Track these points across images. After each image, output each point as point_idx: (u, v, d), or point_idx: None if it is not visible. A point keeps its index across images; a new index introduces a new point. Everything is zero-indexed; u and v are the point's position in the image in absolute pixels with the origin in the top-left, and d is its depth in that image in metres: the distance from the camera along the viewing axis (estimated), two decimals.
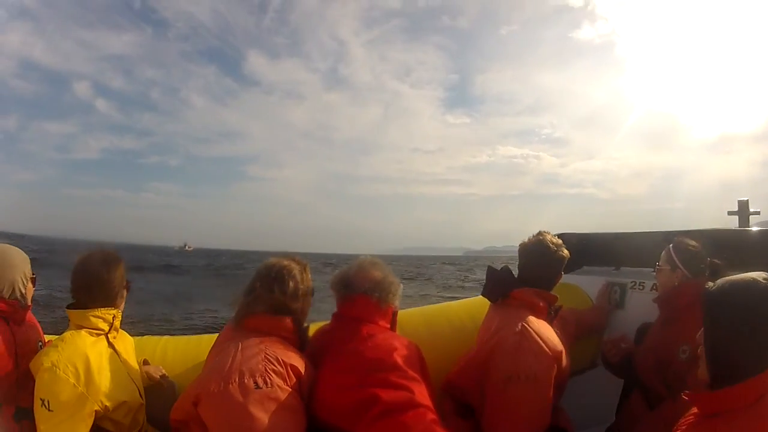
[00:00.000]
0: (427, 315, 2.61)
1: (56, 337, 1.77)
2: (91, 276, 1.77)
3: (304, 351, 1.70)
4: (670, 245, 2.23)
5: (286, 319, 1.65)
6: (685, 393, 1.16)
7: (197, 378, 1.62)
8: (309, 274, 1.78)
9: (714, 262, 2.09)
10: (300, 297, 1.70)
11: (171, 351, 2.19)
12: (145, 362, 2.04)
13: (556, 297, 2.05)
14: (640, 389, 2.22)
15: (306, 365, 1.62)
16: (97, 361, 1.68)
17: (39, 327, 1.94)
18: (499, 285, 2.09)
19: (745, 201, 3.16)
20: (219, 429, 1.47)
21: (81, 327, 1.75)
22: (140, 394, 1.83)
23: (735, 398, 1.07)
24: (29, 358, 1.69)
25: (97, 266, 1.79)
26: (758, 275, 1.13)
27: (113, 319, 1.80)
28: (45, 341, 1.88)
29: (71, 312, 1.77)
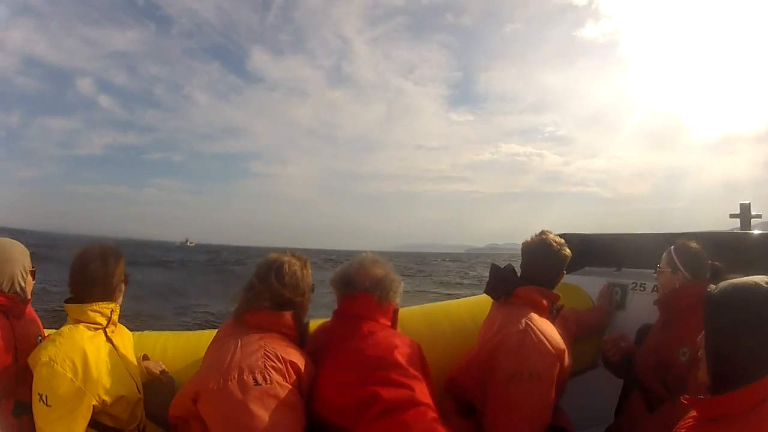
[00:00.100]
0: (428, 313, 2.61)
1: (54, 332, 1.76)
2: (89, 270, 1.76)
3: (304, 347, 1.69)
4: (672, 247, 2.23)
5: (286, 315, 1.65)
6: (685, 397, 1.16)
7: (196, 374, 1.62)
8: (309, 270, 1.78)
9: (715, 265, 2.09)
10: (300, 293, 1.70)
11: (171, 347, 2.19)
12: (145, 357, 2.04)
13: (559, 296, 2.05)
14: (640, 390, 2.22)
15: (306, 362, 1.61)
16: (95, 356, 1.68)
17: (39, 321, 1.93)
18: (503, 283, 2.08)
19: (747, 204, 3.17)
20: (218, 426, 1.47)
21: (79, 321, 1.74)
22: (138, 389, 1.82)
23: (735, 403, 1.07)
24: (29, 353, 1.68)
25: (95, 261, 1.78)
26: (760, 279, 1.12)
27: (111, 314, 1.80)
28: (45, 335, 1.87)
29: (69, 306, 1.76)
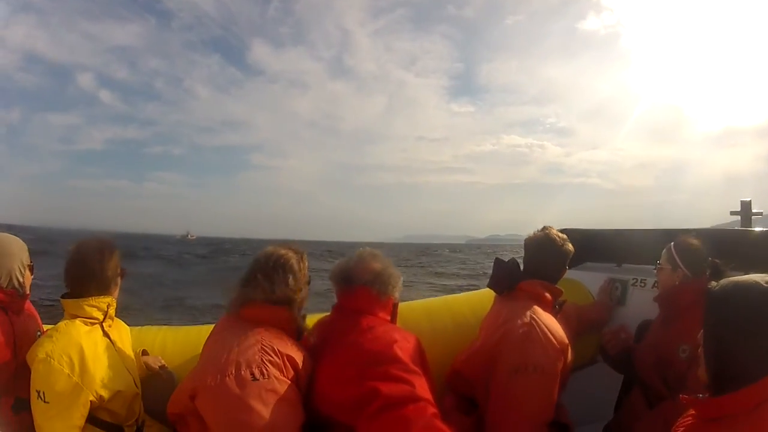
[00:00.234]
0: (429, 308, 2.60)
1: (51, 327, 1.75)
2: (84, 265, 1.75)
3: (301, 340, 1.69)
4: (672, 244, 2.22)
5: (283, 309, 1.64)
6: (683, 396, 1.15)
7: (193, 370, 1.61)
8: (306, 263, 1.76)
9: (715, 262, 2.08)
10: (297, 287, 1.68)
11: (170, 342, 2.18)
12: (144, 353, 2.03)
13: (562, 291, 2.06)
14: (640, 387, 2.22)
15: (303, 356, 1.61)
16: (92, 351, 1.67)
17: (38, 316, 1.93)
18: (506, 277, 2.09)
19: (748, 201, 3.16)
20: (217, 422, 1.47)
21: (75, 316, 1.73)
22: (135, 384, 1.81)
23: (735, 404, 1.06)
24: (28, 349, 1.67)
25: (90, 255, 1.77)
26: (760, 278, 1.11)
27: (108, 308, 1.79)
28: (43, 330, 1.87)
29: (65, 301, 1.75)
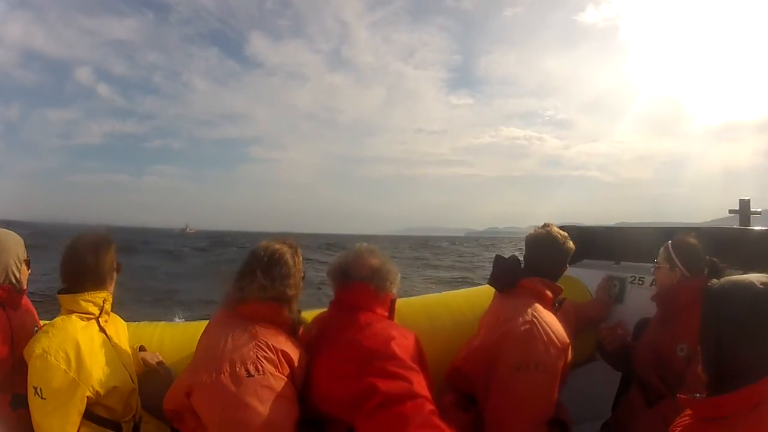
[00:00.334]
0: (427, 304, 2.59)
1: (48, 323, 1.74)
2: (80, 260, 1.74)
3: (297, 336, 1.68)
4: (669, 243, 2.22)
5: (278, 305, 1.63)
6: (681, 396, 1.15)
7: (188, 367, 1.61)
8: (300, 257, 1.74)
9: (713, 261, 2.08)
10: (292, 282, 1.67)
11: (168, 338, 2.17)
12: (142, 349, 2.02)
13: (562, 288, 2.05)
14: (638, 385, 2.22)
15: (299, 351, 1.60)
16: (88, 346, 1.66)
17: (35, 312, 1.92)
18: (507, 274, 2.08)
19: (747, 200, 3.16)
20: (212, 419, 1.46)
21: (71, 312, 1.72)
22: (132, 379, 1.81)
23: (732, 405, 1.06)
24: (25, 344, 1.66)
25: (85, 249, 1.76)
26: (756, 279, 1.10)
27: (104, 303, 1.78)
28: (40, 326, 1.85)
29: (62, 297, 1.74)
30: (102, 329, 1.78)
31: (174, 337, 2.18)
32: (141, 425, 1.82)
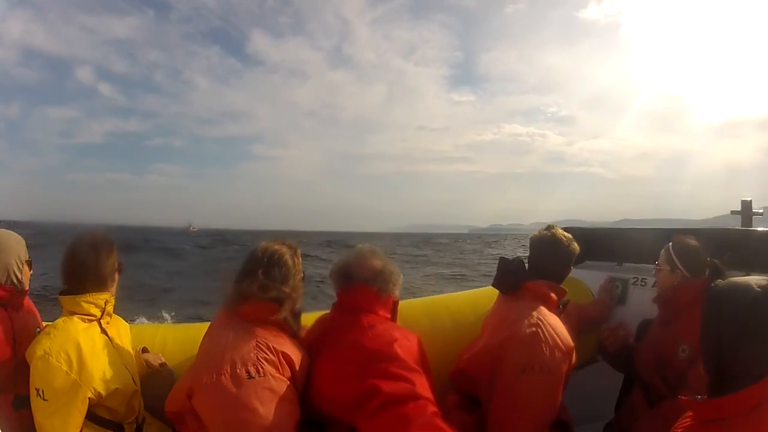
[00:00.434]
0: (429, 306, 2.59)
1: (49, 324, 1.74)
2: (80, 261, 1.73)
3: (297, 337, 1.68)
4: (669, 245, 2.21)
5: (278, 306, 1.62)
6: (681, 398, 1.16)
7: (189, 369, 1.61)
8: (300, 258, 1.73)
9: (714, 263, 2.08)
10: (291, 283, 1.66)
11: (171, 339, 2.17)
12: (144, 350, 2.02)
13: (566, 291, 2.04)
14: (640, 386, 2.22)
15: (300, 353, 1.61)
16: (90, 348, 1.66)
17: (37, 313, 1.92)
18: (512, 276, 2.06)
19: (749, 201, 3.15)
20: (213, 421, 1.47)
21: (73, 313, 1.72)
22: (134, 381, 1.81)
23: (732, 406, 1.06)
24: (27, 345, 1.66)
25: (86, 251, 1.75)
26: (755, 282, 1.10)
27: (105, 304, 1.77)
28: (42, 327, 1.85)
29: (63, 298, 1.74)
30: (104, 331, 1.77)
31: (176, 339, 2.18)
32: (144, 427, 1.82)
